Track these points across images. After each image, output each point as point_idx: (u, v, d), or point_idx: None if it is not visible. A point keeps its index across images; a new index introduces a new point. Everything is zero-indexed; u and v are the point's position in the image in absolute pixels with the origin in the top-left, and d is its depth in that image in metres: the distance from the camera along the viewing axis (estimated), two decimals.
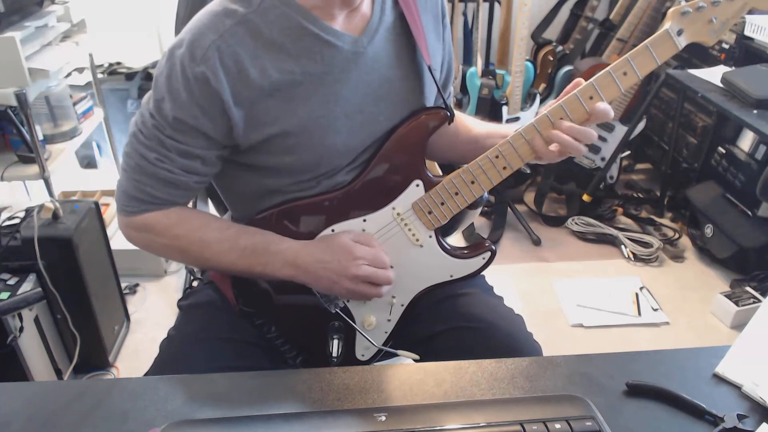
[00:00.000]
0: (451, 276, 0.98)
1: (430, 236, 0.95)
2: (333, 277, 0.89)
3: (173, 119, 0.84)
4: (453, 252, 0.97)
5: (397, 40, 0.92)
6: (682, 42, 0.85)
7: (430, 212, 0.94)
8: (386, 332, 1.00)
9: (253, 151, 0.89)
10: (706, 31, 0.84)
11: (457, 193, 0.92)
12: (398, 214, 0.94)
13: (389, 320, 0.99)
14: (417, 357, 0.91)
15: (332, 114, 0.88)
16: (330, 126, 0.88)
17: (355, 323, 0.97)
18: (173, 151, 0.86)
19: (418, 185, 0.93)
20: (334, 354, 0.92)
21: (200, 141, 0.86)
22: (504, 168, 0.90)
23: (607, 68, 0.85)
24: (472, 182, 0.91)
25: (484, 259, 0.97)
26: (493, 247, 0.97)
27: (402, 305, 0.98)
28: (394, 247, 0.95)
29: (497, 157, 0.90)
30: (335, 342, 0.94)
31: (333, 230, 0.94)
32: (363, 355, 1.01)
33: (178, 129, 0.84)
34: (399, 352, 0.94)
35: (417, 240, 0.95)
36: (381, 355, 1.01)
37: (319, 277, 0.90)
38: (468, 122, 1.09)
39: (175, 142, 0.85)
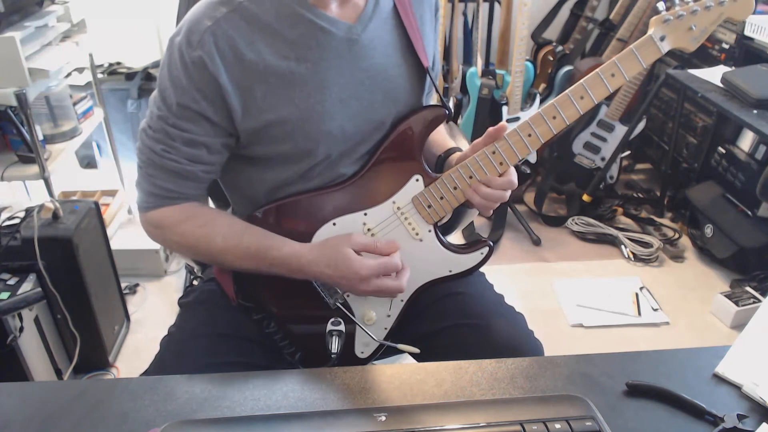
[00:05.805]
0: (450, 271, 0.98)
1: (430, 231, 0.97)
2: (342, 288, 0.92)
3: (176, 106, 0.86)
4: (452, 247, 0.98)
5: (392, 30, 0.94)
6: (665, 47, 0.89)
7: (429, 206, 0.95)
8: (386, 328, 1.00)
9: (252, 142, 0.91)
10: (688, 37, 0.89)
11: (455, 188, 0.94)
12: (398, 208, 0.95)
13: (389, 315, 0.99)
14: (417, 350, 0.92)
15: (328, 100, 0.89)
16: (326, 112, 0.90)
17: (355, 318, 0.97)
18: (178, 141, 0.88)
19: (417, 180, 0.95)
20: (334, 351, 0.92)
21: (204, 127, 0.88)
22: (500, 164, 0.92)
23: (596, 70, 0.89)
24: (470, 177, 0.93)
25: (482, 254, 0.98)
26: (491, 243, 0.99)
27: (402, 300, 0.99)
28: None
29: (494, 153, 0.91)
30: (334, 339, 0.94)
31: (334, 224, 0.95)
32: (363, 353, 1.01)
33: (181, 116, 0.87)
34: (399, 345, 0.94)
35: (417, 234, 0.96)
36: (381, 353, 1.02)
37: (329, 284, 0.93)
38: None
39: (179, 131, 0.87)
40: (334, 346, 0.91)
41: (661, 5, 0.90)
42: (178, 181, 0.91)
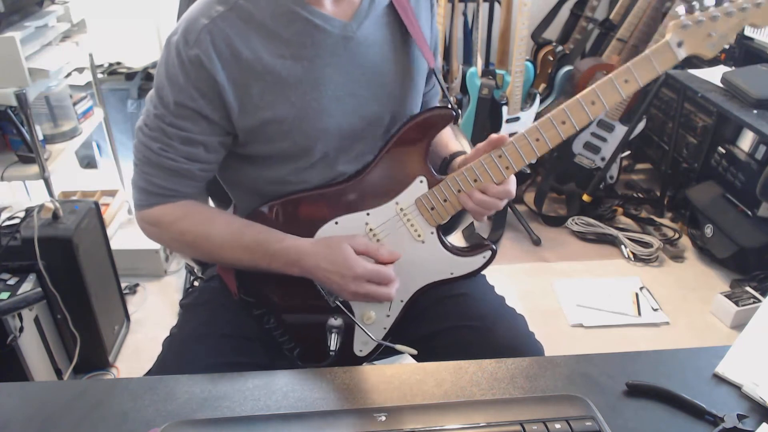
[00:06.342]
0: (452, 273, 0.98)
1: (432, 233, 0.96)
2: (334, 287, 0.91)
3: (174, 104, 0.86)
4: (454, 250, 0.98)
5: (388, 27, 0.94)
6: (681, 53, 0.87)
7: (432, 208, 0.95)
8: (385, 328, 1.00)
9: (250, 140, 0.91)
10: (705, 44, 0.87)
11: (459, 191, 0.93)
12: (401, 209, 0.95)
13: (388, 316, 0.99)
14: (415, 351, 0.92)
15: (324, 97, 0.90)
16: (322, 109, 0.90)
17: (354, 317, 0.97)
18: (175, 139, 0.88)
19: (421, 181, 0.95)
20: (332, 348, 0.92)
21: (201, 125, 0.88)
22: (507, 168, 0.91)
23: (610, 75, 0.87)
24: (475, 180, 0.92)
25: (484, 258, 0.97)
26: (494, 247, 0.98)
27: (402, 301, 0.99)
28: (395, 242, 0.95)
29: (500, 156, 0.91)
30: (333, 336, 0.94)
31: (336, 222, 0.95)
32: (361, 351, 1.01)
33: (179, 115, 0.87)
34: (397, 346, 0.94)
35: (419, 236, 0.96)
36: (379, 352, 1.02)
37: (322, 281, 0.92)
38: None
39: (176, 129, 0.87)
40: (333, 343, 0.91)
41: (681, 9, 0.86)
42: (174, 180, 0.91)
